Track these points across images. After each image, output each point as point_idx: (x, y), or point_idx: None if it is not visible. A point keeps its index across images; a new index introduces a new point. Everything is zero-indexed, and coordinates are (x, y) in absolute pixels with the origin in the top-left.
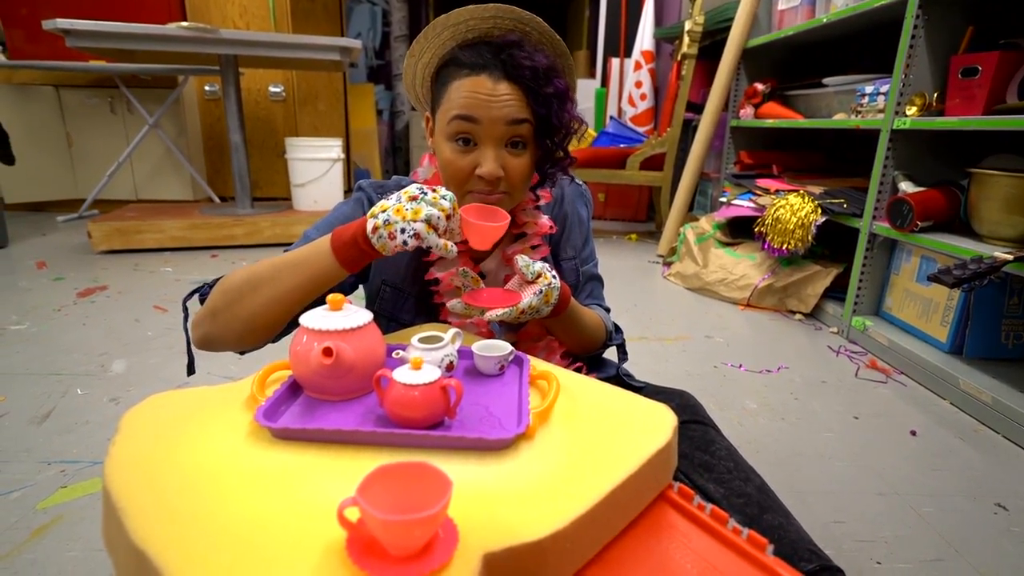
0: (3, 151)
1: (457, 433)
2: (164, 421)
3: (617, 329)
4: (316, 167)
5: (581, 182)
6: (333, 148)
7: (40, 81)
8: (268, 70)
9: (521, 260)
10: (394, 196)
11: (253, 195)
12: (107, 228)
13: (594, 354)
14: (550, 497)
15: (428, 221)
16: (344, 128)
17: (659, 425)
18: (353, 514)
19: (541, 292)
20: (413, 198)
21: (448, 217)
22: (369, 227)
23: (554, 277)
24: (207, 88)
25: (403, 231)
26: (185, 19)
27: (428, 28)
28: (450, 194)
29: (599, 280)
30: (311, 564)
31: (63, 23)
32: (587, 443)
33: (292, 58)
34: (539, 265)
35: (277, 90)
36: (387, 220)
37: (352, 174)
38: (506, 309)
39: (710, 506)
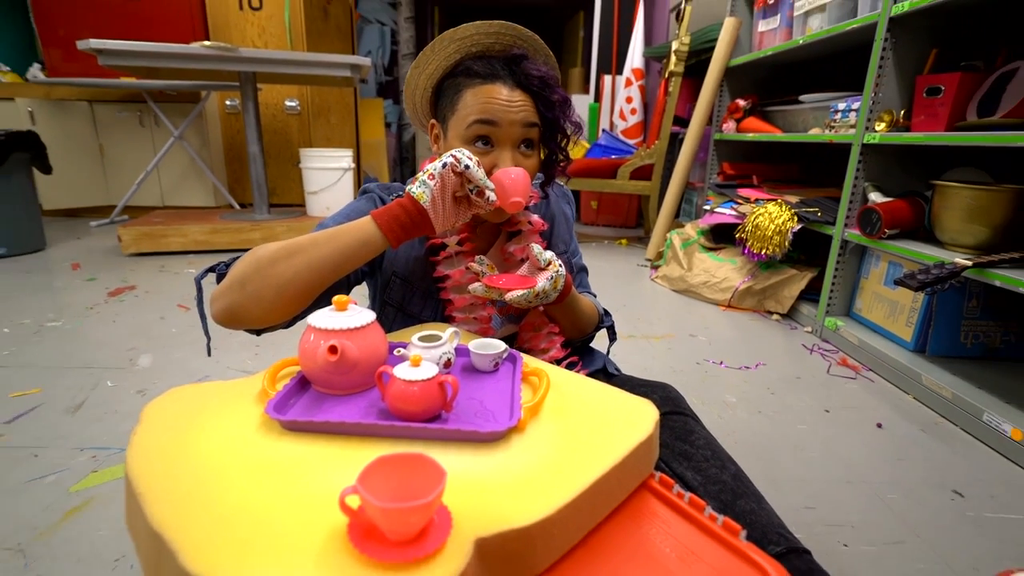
0: (41, 162)
1: (453, 426)
2: (182, 413)
3: (606, 312)
4: (328, 176)
5: (563, 184)
6: (344, 158)
7: (75, 97)
8: (284, 86)
9: (535, 248)
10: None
11: (270, 202)
12: (135, 232)
13: (589, 335)
14: (539, 486)
15: (460, 152)
16: (355, 140)
17: (642, 419)
18: (354, 501)
19: (551, 278)
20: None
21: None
22: (408, 186)
23: (561, 265)
24: (228, 103)
25: (441, 163)
26: (208, 39)
27: (435, 41)
28: (475, 157)
29: (585, 270)
30: (315, 547)
31: (96, 43)
32: (574, 436)
33: (306, 75)
34: (549, 254)
35: (293, 104)
36: (426, 170)
37: (362, 182)
38: (524, 291)
39: (688, 494)
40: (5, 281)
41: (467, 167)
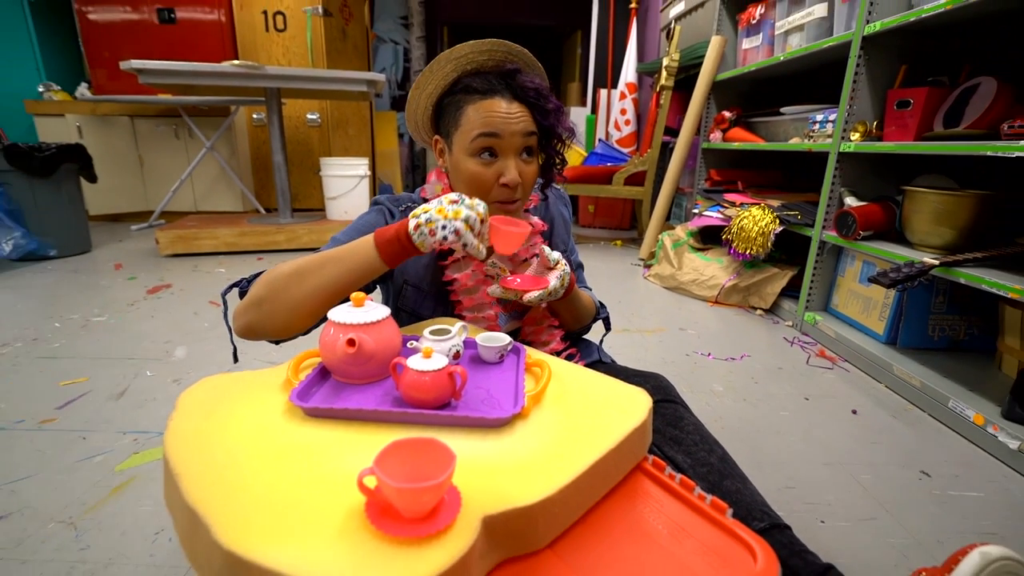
0: (88, 171)
1: (462, 413)
2: (214, 400)
3: (602, 305)
4: (346, 183)
5: (560, 187)
6: (360, 167)
7: (118, 112)
8: (306, 100)
9: (546, 249)
10: (435, 200)
11: (293, 207)
12: (171, 235)
13: (587, 326)
14: (541, 468)
15: (467, 221)
16: (371, 149)
17: (636, 406)
18: (371, 482)
19: (560, 276)
20: (453, 201)
21: (482, 221)
22: (411, 225)
23: (567, 264)
24: (255, 116)
25: (444, 228)
26: (237, 58)
27: (433, 63)
28: (483, 203)
29: (581, 266)
30: (336, 524)
31: (137, 64)
32: (574, 422)
33: (326, 90)
34: (557, 254)
35: (314, 117)
36: (429, 219)
37: (377, 188)
38: (540, 291)
39: (679, 476)
40: (55, 280)
41: (466, 245)
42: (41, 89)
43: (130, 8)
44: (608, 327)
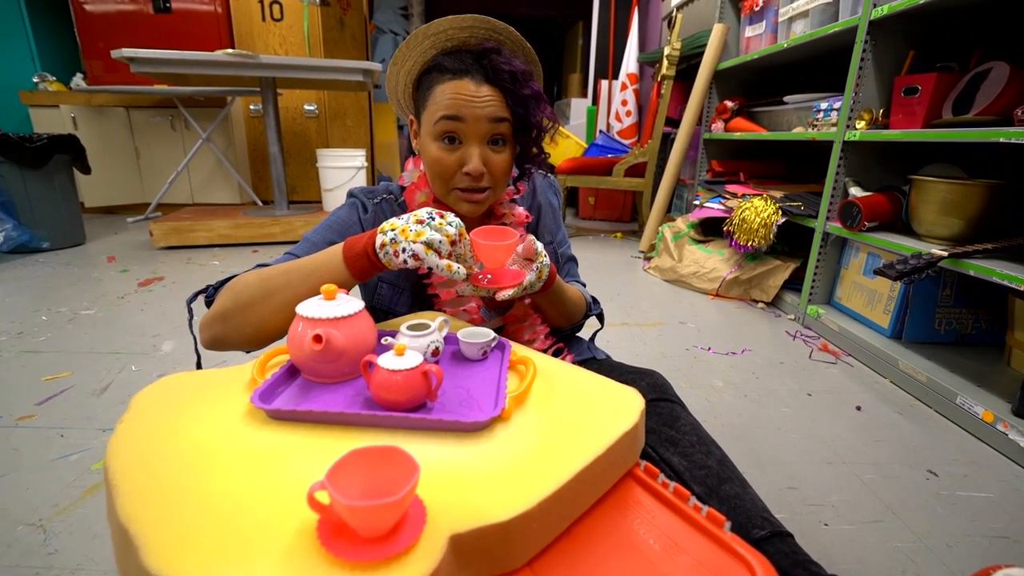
0: (81, 163)
1: (436, 416)
2: (171, 401)
3: (595, 301)
4: (343, 174)
5: (549, 174)
6: (357, 158)
7: (113, 103)
8: (303, 91)
9: (532, 238)
10: (404, 217)
11: (289, 199)
12: (165, 227)
13: (578, 323)
14: (520, 478)
15: (428, 243)
16: (369, 140)
17: (627, 407)
18: (324, 497)
19: (537, 269)
20: (420, 221)
21: (453, 242)
22: (377, 243)
23: (546, 256)
24: (252, 107)
25: (404, 251)
26: (233, 48)
27: (410, 37)
28: (457, 220)
29: (574, 260)
30: (284, 545)
31: (128, 52)
32: (559, 425)
33: (321, 79)
34: (540, 245)
35: (311, 108)
36: (393, 239)
37: (376, 179)
38: (514, 289)
39: (673, 484)
40: (46, 272)
41: (430, 269)
42: (36, 80)
43: None
44: (601, 323)
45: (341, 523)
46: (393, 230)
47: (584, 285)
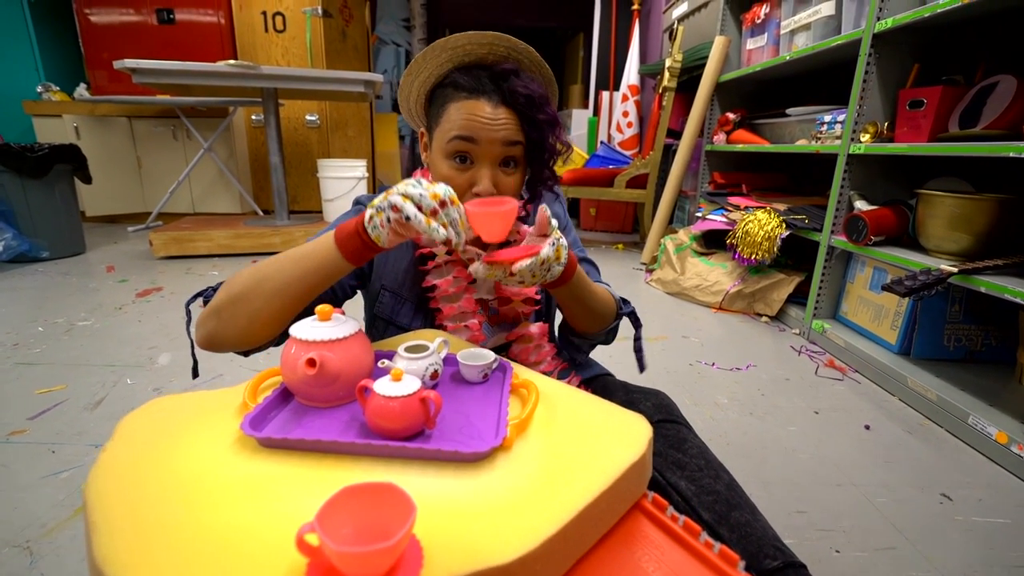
0: (82, 172)
1: (434, 446)
2: (158, 427)
3: (624, 301)
4: (343, 184)
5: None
6: (358, 168)
7: (116, 113)
8: (305, 101)
9: (545, 208)
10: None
11: (290, 209)
12: (165, 237)
13: (611, 326)
14: (522, 514)
15: (406, 194)
16: (370, 151)
17: (634, 436)
18: (314, 539)
19: (554, 244)
20: (405, 184)
21: (443, 204)
22: (366, 217)
23: (562, 235)
24: (253, 117)
25: (385, 209)
26: (236, 59)
27: (428, 49)
28: (447, 187)
29: (591, 264)
30: None
31: (130, 63)
32: (563, 455)
33: (323, 90)
34: (555, 221)
35: (313, 118)
36: (379, 207)
37: (377, 189)
38: (531, 259)
39: (683, 518)
40: (44, 282)
41: (408, 218)
42: (40, 90)
43: (130, 9)
44: (637, 324)
45: (332, 567)
46: (379, 201)
47: (609, 286)
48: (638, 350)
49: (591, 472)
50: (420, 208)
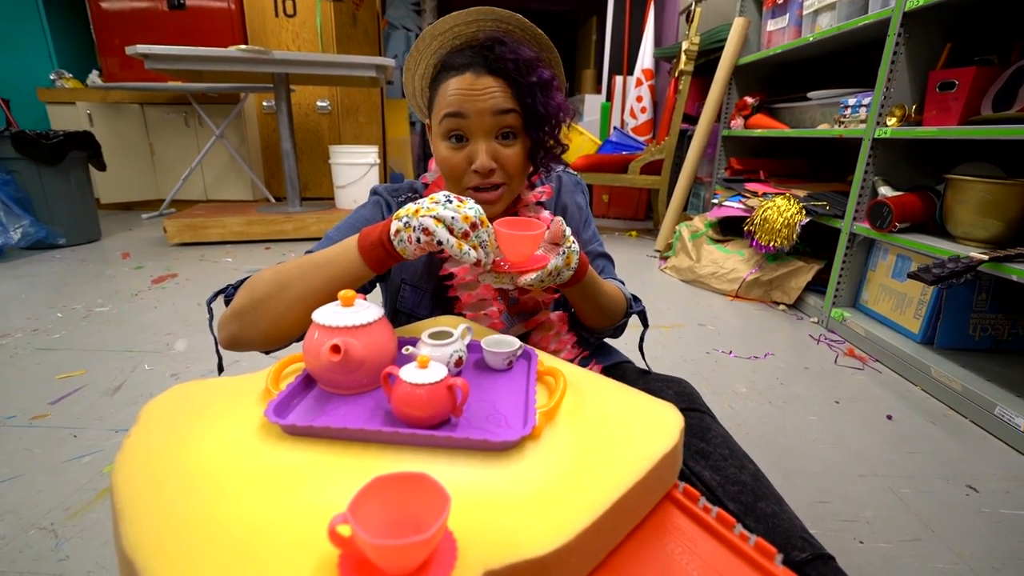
0: (97, 159)
1: (462, 434)
2: (182, 413)
3: (636, 299)
4: (355, 171)
5: (575, 172)
6: (370, 154)
7: (128, 100)
8: (316, 87)
9: (560, 220)
10: (421, 200)
11: (302, 195)
12: (179, 224)
13: (620, 324)
14: (555, 505)
15: (439, 218)
16: (382, 137)
17: (666, 426)
18: (346, 530)
19: (564, 253)
20: (435, 202)
21: (474, 225)
22: (392, 229)
23: (574, 241)
24: (265, 104)
25: (415, 228)
26: (246, 44)
27: (418, 40)
28: (478, 207)
29: (608, 258)
30: None
31: (142, 49)
32: (594, 445)
33: (334, 75)
34: (568, 229)
35: (324, 104)
36: (407, 223)
37: (388, 177)
38: (537, 273)
39: (716, 509)
40: (62, 269)
41: (440, 243)
42: (53, 77)
43: None
44: (645, 323)
45: (364, 559)
46: (408, 215)
47: (623, 283)
48: (640, 348)
49: (623, 462)
50: (451, 231)
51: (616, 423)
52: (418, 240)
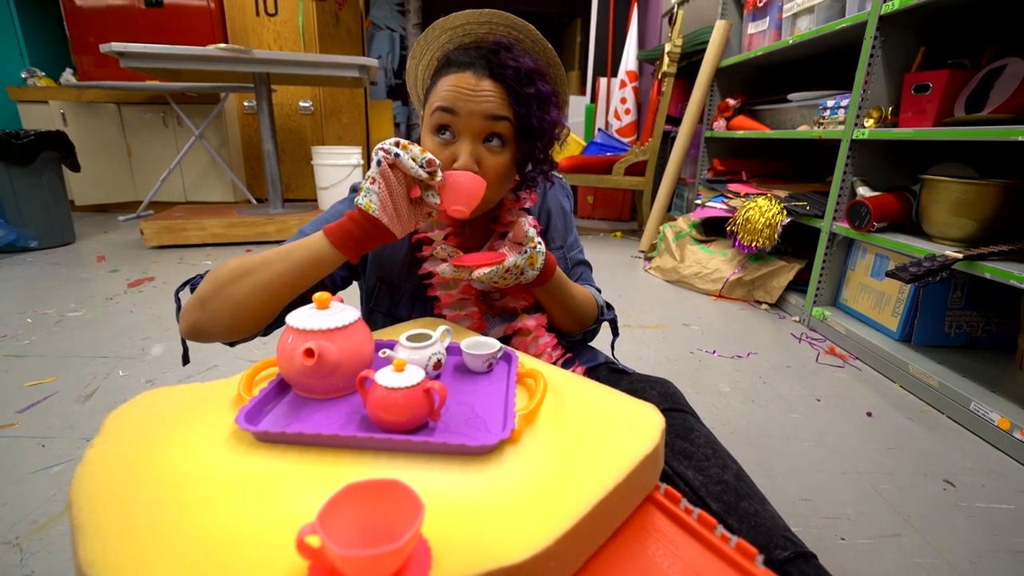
0: (70, 160)
1: (440, 438)
2: (148, 421)
3: (608, 306)
4: (338, 172)
5: (560, 176)
6: (353, 156)
7: (104, 99)
8: (299, 87)
9: (525, 222)
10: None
11: (284, 197)
12: (157, 226)
13: (590, 329)
14: (534, 510)
15: (396, 144)
16: (365, 138)
17: (647, 426)
18: (315, 541)
19: (526, 253)
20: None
21: (422, 165)
22: (357, 198)
23: (540, 243)
24: (246, 104)
25: (372, 171)
26: (226, 43)
27: (427, 31)
28: (432, 155)
29: (587, 265)
30: None
31: (117, 47)
32: (574, 447)
33: (316, 75)
34: (534, 231)
35: (306, 105)
36: (366, 177)
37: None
38: (492, 267)
39: (697, 511)
40: (33, 272)
41: (397, 156)
42: (24, 75)
43: None
44: (615, 331)
45: (335, 570)
46: (366, 176)
47: (599, 291)
48: (611, 356)
49: (603, 465)
50: (410, 154)
51: (596, 425)
52: (379, 163)
